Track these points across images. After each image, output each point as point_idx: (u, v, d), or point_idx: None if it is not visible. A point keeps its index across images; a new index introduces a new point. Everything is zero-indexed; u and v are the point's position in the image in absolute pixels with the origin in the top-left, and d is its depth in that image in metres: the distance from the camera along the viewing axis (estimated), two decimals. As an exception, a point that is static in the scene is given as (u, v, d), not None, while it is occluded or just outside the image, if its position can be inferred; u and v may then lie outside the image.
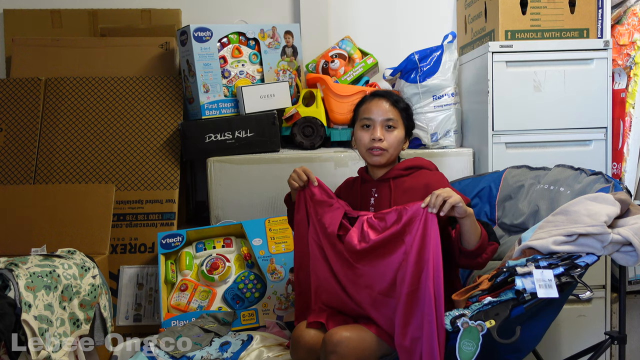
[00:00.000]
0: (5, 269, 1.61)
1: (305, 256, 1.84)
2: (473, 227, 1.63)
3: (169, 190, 2.56)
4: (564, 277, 1.43)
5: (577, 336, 2.35)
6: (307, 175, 1.82)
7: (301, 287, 1.87)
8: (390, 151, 1.83)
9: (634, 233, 1.47)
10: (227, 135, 2.51)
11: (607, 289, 2.38)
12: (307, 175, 1.82)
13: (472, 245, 1.64)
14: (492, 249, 1.69)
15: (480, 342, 1.40)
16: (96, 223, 2.35)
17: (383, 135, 1.82)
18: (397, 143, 1.84)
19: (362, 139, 1.86)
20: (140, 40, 2.79)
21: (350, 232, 1.72)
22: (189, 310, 2.23)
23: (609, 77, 2.35)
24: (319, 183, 1.82)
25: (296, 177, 1.83)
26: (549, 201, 1.93)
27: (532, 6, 2.37)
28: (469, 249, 1.65)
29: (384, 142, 1.82)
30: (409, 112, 1.90)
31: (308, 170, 1.83)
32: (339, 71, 2.75)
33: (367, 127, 1.85)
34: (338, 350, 1.59)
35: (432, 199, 1.58)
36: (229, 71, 2.61)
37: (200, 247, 2.38)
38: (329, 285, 1.77)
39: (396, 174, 1.85)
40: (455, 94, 2.58)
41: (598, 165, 2.32)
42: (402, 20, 3.02)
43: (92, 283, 1.86)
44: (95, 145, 2.62)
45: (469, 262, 1.69)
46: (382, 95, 1.89)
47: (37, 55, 2.76)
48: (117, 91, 2.70)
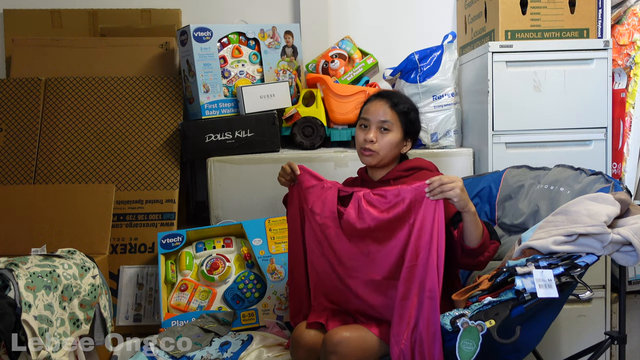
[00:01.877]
0: (5, 269, 1.61)
1: (299, 254, 1.84)
2: (475, 223, 1.63)
3: (169, 190, 2.56)
4: (564, 277, 1.44)
5: (577, 336, 2.35)
6: (291, 168, 1.82)
7: (295, 286, 1.87)
8: (382, 154, 1.82)
9: (633, 233, 1.47)
10: (227, 135, 2.51)
11: (607, 289, 2.38)
12: (291, 167, 1.83)
13: (475, 242, 1.64)
14: (494, 247, 1.68)
15: (480, 342, 1.40)
16: (96, 223, 2.35)
17: (376, 137, 1.81)
18: (389, 146, 1.82)
19: (357, 138, 1.86)
20: (140, 40, 2.79)
21: (347, 210, 1.71)
22: (189, 310, 2.23)
23: (609, 77, 2.35)
24: (304, 169, 1.82)
25: (282, 173, 1.84)
26: (549, 201, 1.93)
27: (532, 6, 2.37)
28: (471, 247, 1.65)
29: (375, 144, 1.81)
30: (409, 115, 1.87)
31: (292, 163, 1.84)
32: (339, 71, 2.75)
33: (364, 127, 1.85)
34: (338, 351, 1.59)
35: (433, 185, 1.60)
36: (229, 71, 2.61)
37: (200, 247, 2.38)
38: (329, 279, 1.77)
39: (397, 175, 1.85)
40: (455, 94, 2.58)
41: (598, 165, 2.32)
42: (402, 20, 3.02)
43: (92, 283, 1.86)
44: (95, 145, 2.62)
45: (470, 261, 1.68)
46: (384, 96, 1.88)
47: (37, 55, 2.76)
48: (117, 91, 2.70)
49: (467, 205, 1.60)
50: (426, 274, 1.58)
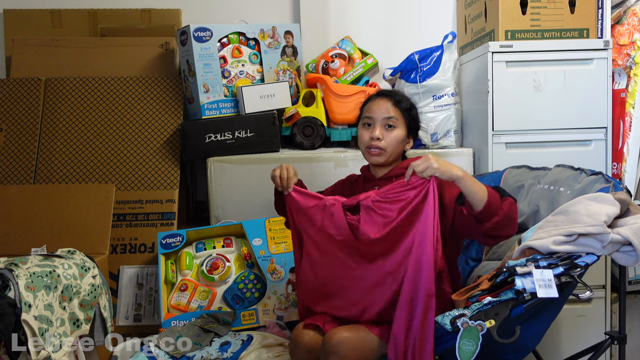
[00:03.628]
0: (5, 269, 1.61)
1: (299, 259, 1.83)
2: (471, 186, 1.58)
3: (169, 190, 2.56)
4: (563, 277, 1.44)
5: (577, 336, 2.35)
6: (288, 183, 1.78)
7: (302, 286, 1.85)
8: (389, 151, 1.82)
9: (633, 233, 1.47)
10: (227, 135, 2.51)
11: (607, 289, 2.38)
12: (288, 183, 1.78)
13: (480, 203, 1.58)
14: (508, 203, 1.61)
15: (480, 342, 1.40)
16: (96, 223, 2.35)
17: (382, 134, 1.82)
18: (396, 143, 1.83)
19: (362, 137, 1.86)
20: (140, 40, 2.79)
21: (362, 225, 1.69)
22: (189, 310, 2.23)
23: (609, 77, 2.35)
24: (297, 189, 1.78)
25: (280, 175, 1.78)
26: (548, 201, 1.93)
27: (532, 6, 2.37)
28: (480, 209, 1.58)
29: (382, 141, 1.81)
30: (412, 112, 1.88)
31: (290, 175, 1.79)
32: (339, 71, 2.75)
33: (368, 126, 1.85)
34: (338, 351, 1.59)
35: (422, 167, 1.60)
36: (229, 71, 2.61)
37: (200, 247, 2.38)
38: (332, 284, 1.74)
39: (399, 173, 1.84)
40: (455, 94, 2.58)
41: (598, 165, 2.32)
42: (402, 20, 3.02)
43: (92, 283, 1.87)
44: (95, 145, 2.62)
45: (488, 225, 1.59)
46: (386, 94, 1.89)
47: (37, 55, 2.76)
48: (117, 91, 2.70)
49: (453, 172, 1.57)
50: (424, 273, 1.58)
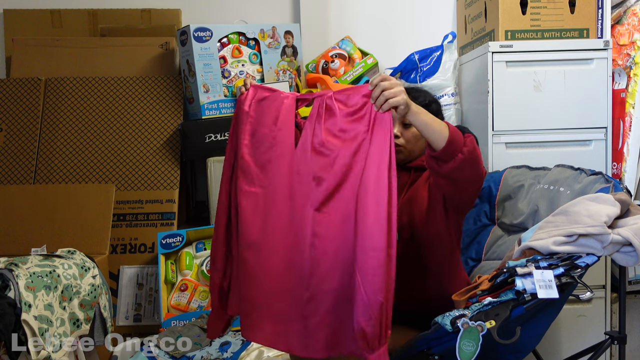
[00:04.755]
0: (5, 269, 1.61)
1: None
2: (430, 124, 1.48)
3: (169, 190, 2.56)
4: (564, 277, 1.43)
5: (577, 336, 2.35)
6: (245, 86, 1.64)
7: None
8: (409, 147, 1.78)
9: (634, 233, 1.46)
10: (227, 135, 2.50)
11: (607, 289, 2.38)
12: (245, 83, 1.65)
13: (441, 141, 1.48)
14: (471, 139, 1.53)
15: (480, 343, 1.40)
16: (96, 223, 2.35)
17: (400, 132, 1.77)
18: (415, 139, 1.78)
19: None
20: (140, 40, 2.79)
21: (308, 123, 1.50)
22: (189, 310, 2.23)
23: (609, 77, 2.35)
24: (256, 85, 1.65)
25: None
26: (548, 201, 1.93)
27: (532, 6, 2.37)
28: (442, 147, 1.48)
29: (400, 138, 1.77)
30: (431, 107, 1.78)
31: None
32: (339, 71, 2.75)
33: None
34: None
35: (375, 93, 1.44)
36: (229, 71, 2.61)
37: (200, 247, 2.38)
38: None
39: (419, 164, 1.80)
40: (455, 94, 2.58)
41: (598, 165, 2.32)
42: (402, 21, 3.01)
43: (92, 283, 1.87)
44: (95, 145, 2.62)
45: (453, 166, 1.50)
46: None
47: (37, 55, 2.76)
48: (117, 91, 2.70)
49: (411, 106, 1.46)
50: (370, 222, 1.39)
